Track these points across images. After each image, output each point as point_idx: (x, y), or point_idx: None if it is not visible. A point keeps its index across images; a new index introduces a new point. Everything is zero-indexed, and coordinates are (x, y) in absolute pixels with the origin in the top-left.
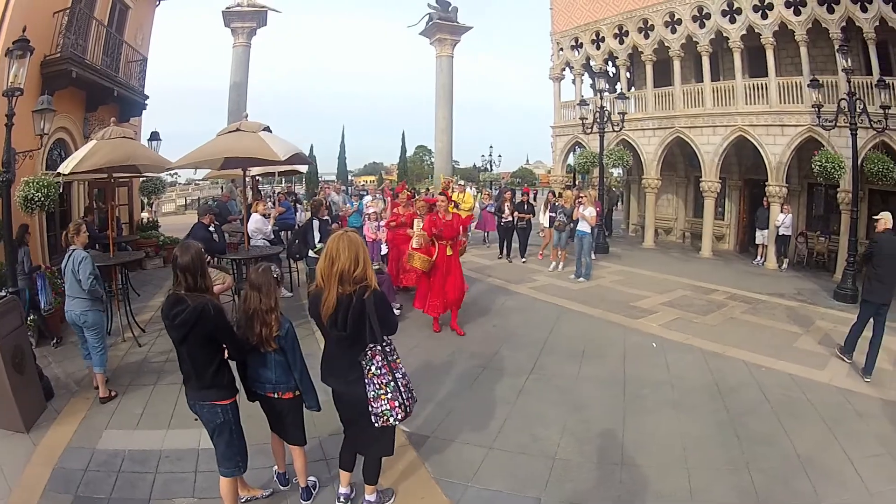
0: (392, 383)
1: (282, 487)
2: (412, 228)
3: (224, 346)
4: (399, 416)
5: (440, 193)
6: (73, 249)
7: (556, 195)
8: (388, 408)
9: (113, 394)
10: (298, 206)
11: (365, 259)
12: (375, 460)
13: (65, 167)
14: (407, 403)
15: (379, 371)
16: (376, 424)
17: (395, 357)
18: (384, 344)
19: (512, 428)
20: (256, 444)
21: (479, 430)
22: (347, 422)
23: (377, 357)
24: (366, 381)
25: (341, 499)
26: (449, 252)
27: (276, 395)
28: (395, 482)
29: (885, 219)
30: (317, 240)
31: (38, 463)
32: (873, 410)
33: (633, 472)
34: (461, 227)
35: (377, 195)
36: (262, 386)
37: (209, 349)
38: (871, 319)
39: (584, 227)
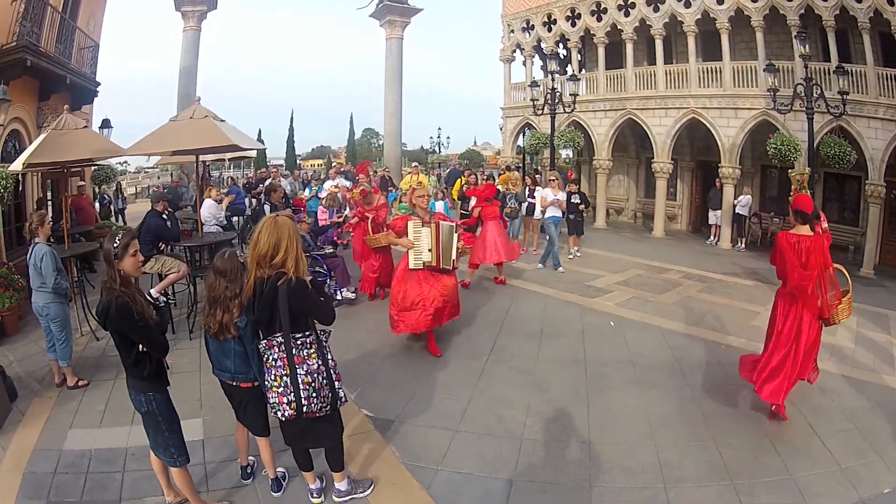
0: (287, 378)
1: (244, 482)
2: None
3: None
4: (287, 413)
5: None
6: (36, 243)
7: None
8: (276, 402)
9: (82, 382)
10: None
11: (288, 245)
12: (332, 448)
13: (18, 163)
14: (305, 403)
15: (275, 363)
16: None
17: (307, 352)
18: (298, 336)
19: (476, 410)
20: (220, 437)
21: (444, 412)
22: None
23: (274, 348)
24: (265, 369)
25: (314, 494)
26: None
27: (234, 384)
28: (364, 467)
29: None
30: None
31: (8, 468)
32: (836, 386)
33: (601, 449)
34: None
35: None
36: (222, 374)
37: (124, 342)
38: None
39: (554, 211)
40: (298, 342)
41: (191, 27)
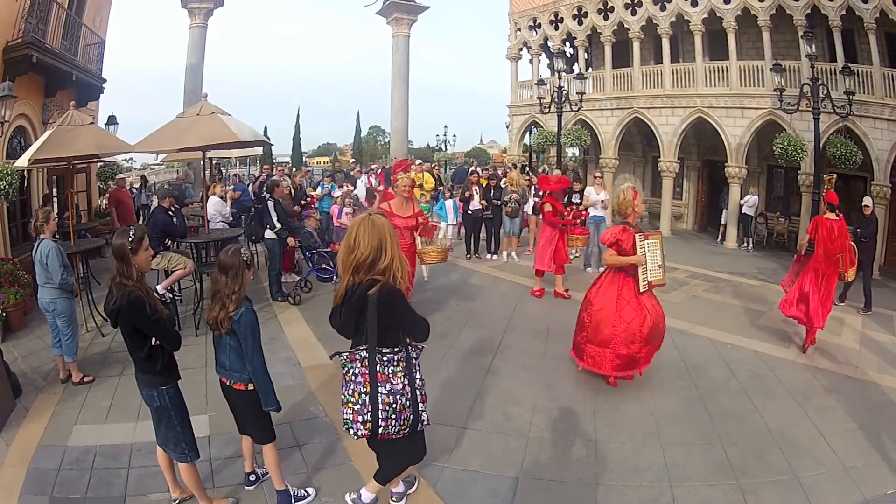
0: (366, 396)
1: (246, 488)
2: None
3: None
4: (360, 433)
5: None
6: (42, 239)
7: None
8: (350, 419)
9: (87, 378)
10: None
11: (391, 246)
12: (392, 464)
13: (24, 159)
14: (382, 425)
15: (354, 378)
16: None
17: (393, 370)
18: (386, 352)
19: (483, 407)
20: (226, 434)
21: (451, 410)
22: None
23: (356, 361)
24: (343, 381)
25: (394, 497)
26: None
27: (228, 383)
28: (372, 464)
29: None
30: (274, 219)
31: (12, 465)
32: (841, 387)
33: (608, 448)
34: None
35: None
36: (220, 370)
37: (136, 337)
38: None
39: (597, 211)
40: (385, 358)
41: (197, 24)
